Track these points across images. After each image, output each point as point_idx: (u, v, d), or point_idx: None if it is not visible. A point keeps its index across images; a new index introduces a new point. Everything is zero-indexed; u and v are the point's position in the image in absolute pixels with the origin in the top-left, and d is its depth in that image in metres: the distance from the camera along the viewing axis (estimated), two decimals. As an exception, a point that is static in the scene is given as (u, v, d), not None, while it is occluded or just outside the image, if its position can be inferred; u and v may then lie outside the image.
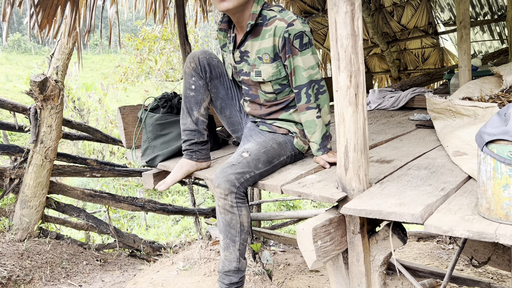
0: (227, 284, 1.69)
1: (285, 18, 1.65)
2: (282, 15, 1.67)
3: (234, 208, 1.60)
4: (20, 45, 27.51)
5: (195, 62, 1.88)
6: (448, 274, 1.94)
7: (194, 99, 1.90)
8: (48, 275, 2.69)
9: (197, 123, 1.91)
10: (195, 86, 1.89)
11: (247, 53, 1.79)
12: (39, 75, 2.85)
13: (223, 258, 1.68)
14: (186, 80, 1.92)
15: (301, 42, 1.64)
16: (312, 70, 1.68)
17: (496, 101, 2.07)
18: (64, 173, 3.32)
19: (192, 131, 1.91)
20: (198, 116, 1.91)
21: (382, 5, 4.71)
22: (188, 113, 1.91)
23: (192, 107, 1.90)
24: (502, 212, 1.06)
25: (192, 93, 1.90)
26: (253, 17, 1.69)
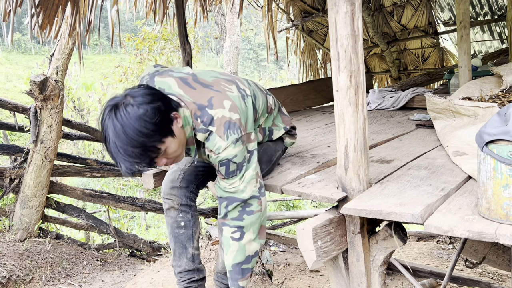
0: (227, 284, 1.69)
1: (213, 149, 1.43)
2: (209, 145, 1.44)
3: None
4: (20, 45, 27.49)
5: (172, 198, 1.68)
6: (448, 274, 1.94)
7: (185, 235, 1.70)
8: (48, 275, 2.69)
9: (193, 259, 1.72)
10: (184, 221, 1.69)
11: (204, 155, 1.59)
12: (39, 75, 2.85)
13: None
14: (171, 219, 1.69)
15: (227, 169, 1.43)
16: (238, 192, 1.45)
17: (496, 101, 2.07)
18: (64, 173, 3.32)
19: (190, 271, 1.71)
20: (194, 251, 1.72)
21: (382, 5, 4.70)
22: (181, 253, 1.70)
23: (185, 245, 1.70)
24: (502, 212, 1.06)
25: (182, 230, 1.69)
26: (191, 141, 1.48)
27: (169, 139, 1.33)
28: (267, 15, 4.61)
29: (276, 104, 1.81)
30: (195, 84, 1.49)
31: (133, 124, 1.24)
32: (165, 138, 1.32)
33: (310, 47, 5.39)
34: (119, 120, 1.24)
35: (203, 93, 1.46)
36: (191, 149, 1.51)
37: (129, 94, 1.30)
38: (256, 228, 1.47)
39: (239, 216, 1.45)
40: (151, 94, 1.31)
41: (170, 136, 1.34)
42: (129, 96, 1.29)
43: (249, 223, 1.45)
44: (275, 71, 22.43)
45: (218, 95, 1.45)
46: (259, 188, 1.48)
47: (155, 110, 1.27)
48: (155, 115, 1.27)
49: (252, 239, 1.47)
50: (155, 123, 1.26)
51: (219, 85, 1.49)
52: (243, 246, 1.46)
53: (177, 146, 1.38)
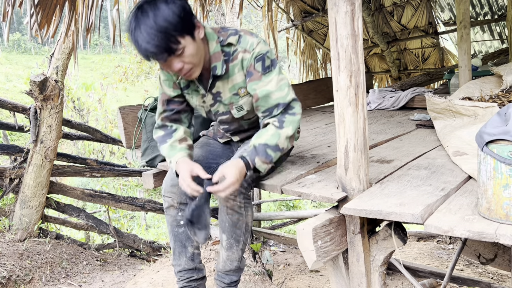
0: (227, 283, 1.69)
1: (247, 47, 1.52)
2: (242, 45, 1.53)
3: (242, 209, 1.59)
4: (20, 45, 27.50)
5: (171, 197, 1.67)
6: (448, 274, 1.94)
7: (185, 234, 1.69)
8: (48, 275, 2.69)
9: (193, 258, 1.71)
10: (183, 220, 1.66)
11: (219, 93, 1.64)
12: (39, 75, 2.85)
13: (225, 258, 1.67)
14: (172, 217, 1.68)
15: (263, 64, 1.51)
16: (279, 92, 1.52)
17: (496, 101, 2.07)
18: (64, 173, 3.32)
19: (189, 270, 1.71)
20: (193, 250, 1.71)
21: (382, 5, 4.70)
22: (181, 252, 1.69)
23: (184, 244, 1.69)
24: (502, 212, 1.06)
25: (182, 229, 1.69)
26: (216, 57, 1.54)
27: (189, 39, 1.41)
28: (267, 15, 4.61)
29: None
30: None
31: (161, 12, 1.34)
32: (186, 35, 1.40)
33: (310, 47, 5.39)
34: (148, 9, 1.35)
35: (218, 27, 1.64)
36: (217, 67, 1.55)
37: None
38: (294, 128, 1.52)
39: (282, 115, 1.52)
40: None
41: (191, 36, 1.42)
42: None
43: (290, 120, 1.52)
44: (275, 71, 22.40)
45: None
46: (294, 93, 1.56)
47: (181, 7, 1.39)
48: (181, 11, 1.38)
49: (288, 135, 1.51)
50: (179, 16, 1.37)
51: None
52: (279, 134, 1.49)
53: (195, 52, 1.44)
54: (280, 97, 1.52)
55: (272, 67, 1.52)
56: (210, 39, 1.53)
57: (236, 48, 1.54)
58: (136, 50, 1.40)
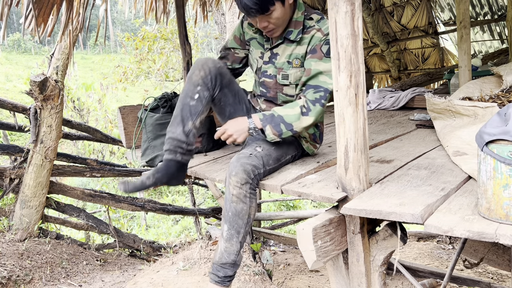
0: (222, 277, 1.65)
1: (322, 28, 1.67)
2: (320, 25, 1.69)
3: (247, 199, 1.59)
4: (20, 45, 27.50)
5: (205, 71, 1.76)
6: (448, 274, 1.94)
7: (194, 108, 1.74)
8: (48, 275, 2.69)
9: (188, 134, 1.73)
10: (198, 95, 1.75)
11: (276, 55, 1.79)
12: (39, 75, 2.85)
13: (223, 250, 1.64)
14: (190, 87, 1.76)
15: (329, 49, 1.63)
16: (327, 77, 1.64)
17: (496, 101, 2.07)
18: (64, 173, 3.32)
19: (179, 141, 1.71)
20: (192, 128, 1.74)
21: (382, 5, 4.71)
22: (181, 121, 1.72)
23: (188, 116, 1.73)
24: (502, 212, 1.06)
25: (193, 102, 1.74)
26: (296, 25, 1.71)
27: (280, 4, 1.61)
28: (267, 15, 4.60)
29: None
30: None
31: None
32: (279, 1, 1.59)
33: (310, 47, 5.38)
34: None
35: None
36: (292, 32, 1.72)
37: None
38: (315, 119, 1.65)
39: (314, 101, 1.64)
40: None
41: (282, 2, 1.61)
42: None
43: (316, 111, 1.64)
44: (275, 71, 22.39)
45: None
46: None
47: None
48: None
49: (306, 124, 1.65)
50: None
51: None
52: (301, 118, 1.64)
53: (281, 15, 1.64)
54: (325, 81, 1.64)
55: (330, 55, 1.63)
56: (298, 9, 1.71)
57: (313, 24, 1.70)
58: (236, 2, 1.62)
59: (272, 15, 1.61)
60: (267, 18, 1.63)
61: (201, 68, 1.76)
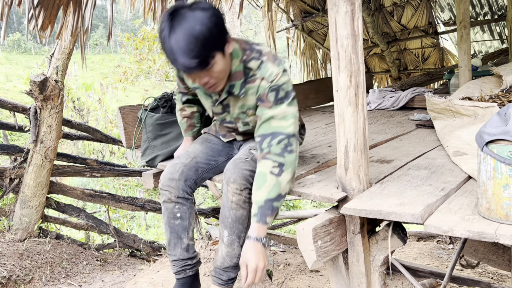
0: (225, 280, 1.67)
1: (265, 76, 1.49)
2: (261, 72, 1.49)
3: (247, 204, 1.59)
4: (20, 45, 27.49)
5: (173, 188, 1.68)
6: (448, 274, 1.94)
7: (181, 226, 1.72)
8: (48, 275, 2.69)
9: (188, 249, 1.73)
10: (180, 213, 1.71)
11: (228, 106, 1.66)
12: (39, 75, 2.85)
13: (224, 255, 1.65)
14: (168, 210, 1.70)
15: (277, 95, 1.47)
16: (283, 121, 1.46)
17: (496, 101, 2.07)
18: (64, 173, 3.32)
19: (183, 260, 1.73)
20: (188, 242, 1.74)
21: (382, 5, 4.70)
22: (176, 243, 1.72)
23: (180, 236, 1.72)
24: (502, 212, 1.06)
25: (178, 221, 1.72)
26: (237, 76, 1.53)
27: (220, 55, 1.37)
28: (267, 15, 4.61)
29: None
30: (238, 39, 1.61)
31: (201, 21, 1.28)
32: (218, 52, 1.36)
33: (310, 47, 5.39)
34: (183, 20, 1.28)
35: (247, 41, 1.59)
36: (235, 85, 1.55)
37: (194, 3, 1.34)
38: (293, 170, 1.47)
39: (281, 152, 1.44)
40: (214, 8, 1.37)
41: (222, 52, 1.38)
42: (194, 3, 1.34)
43: (289, 161, 1.45)
44: (275, 71, 22.40)
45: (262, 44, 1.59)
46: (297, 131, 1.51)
47: (218, 18, 1.34)
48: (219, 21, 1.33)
49: (288, 179, 1.45)
50: (217, 28, 1.32)
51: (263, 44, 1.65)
52: (279, 183, 1.43)
53: (223, 68, 1.42)
54: (280, 126, 1.46)
55: (285, 98, 1.48)
56: (235, 57, 1.49)
57: (255, 73, 1.51)
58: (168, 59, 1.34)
59: (213, 69, 1.38)
60: (207, 73, 1.39)
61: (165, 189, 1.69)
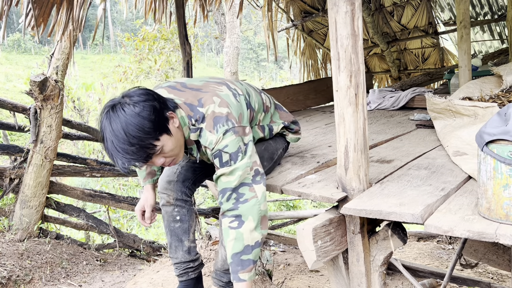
0: (226, 282, 1.69)
1: (206, 145, 1.46)
2: (203, 141, 1.47)
3: None
4: (20, 45, 27.49)
5: (171, 191, 1.69)
6: (448, 274, 1.94)
7: (181, 229, 1.73)
8: (48, 275, 2.69)
9: (189, 252, 1.73)
10: (180, 216, 1.72)
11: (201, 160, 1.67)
12: (39, 75, 2.85)
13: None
14: (168, 213, 1.72)
15: (221, 160, 1.43)
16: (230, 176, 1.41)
17: (496, 101, 2.07)
18: (64, 173, 3.32)
19: (185, 263, 1.74)
20: (189, 244, 1.74)
21: (382, 5, 4.70)
22: (178, 245, 1.72)
23: (181, 238, 1.72)
24: (502, 212, 1.06)
25: (178, 224, 1.72)
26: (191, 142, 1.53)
27: (165, 137, 1.35)
28: (267, 15, 4.61)
29: (271, 102, 1.82)
30: (184, 89, 1.52)
31: (130, 121, 1.27)
32: (161, 136, 1.33)
33: (310, 47, 5.39)
34: (116, 118, 1.28)
35: (193, 95, 1.49)
36: (192, 148, 1.54)
37: (126, 95, 1.35)
38: (256, 216, 1.39)
39: (234, 206, 1.40)
40: (146, 94, 1.35)
41: (166, 134, 1.36)
42: (125, 97, 1.34)
43: (245, 210, 1.38)
44: (275, 71, 22.42)
45: (208, 95, 1.48)
46: (253, 176, 1.43)
47: (150, 108, 1.31)
48: (150, 113, 1.30)
49: (252, 228, 1.38)
50: (150, 120, 1.30)
51: (209, 87, 1.52)
52: (241, 234, 1.38)
53: (174, 145, 1.39)
54: (227, 181, 1.41)
55: (231, 161, 1.42)
56: (183, 125, 1.46)
57: (199, 141, 1.50)
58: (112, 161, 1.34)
59: (164, 150, 1.36)
60: (160, 156, 1.37)
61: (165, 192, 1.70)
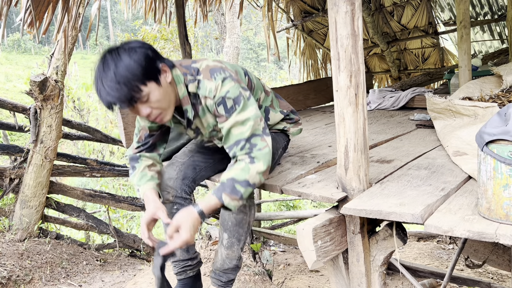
0: (225, 281, 1.69)
1: (206, 95, 1.47)
2: (202, 92, 1.48)
3: (247, 208, 1.60)
4: (20, 45, 27.49)
5: (171, 188, 1.68)
6: (448, 274, 1.94)
7: None
8: (48, 275, 2.69)
9: (188, 250, 1.72)
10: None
11: (198, 129, 1.66)
12: (39, 75, 2.85)
13: (224, 257, 1.67)
14: (167, 210, 1.65)
15: (226, 107, 1.45)
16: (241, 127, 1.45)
17: (496, 101, 2.07)
18: (64, 173, 3.32)
19: (183, 261, 1.73)
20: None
21: (382, 5, 4.70)
22: None
23: None
24: (502, 212, 1.06)
25: None
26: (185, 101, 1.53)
27: (153, 85, 1.38)
28: (267, 15, 4.61)
29: (271, 90, 1.86)
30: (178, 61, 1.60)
31: (121, 63, 1.33)
32: (149, 82, 1.37)
33: (310, 47, 5.39)
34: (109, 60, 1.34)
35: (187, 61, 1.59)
36: (187, 110, 1.53)
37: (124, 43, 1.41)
38: (266, 163, 1.43)
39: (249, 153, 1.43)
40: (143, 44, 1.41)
41: (155, 82, 1.39)
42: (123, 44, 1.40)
43: (259, 154, 1.42)
44: (275, 71, 22.41)
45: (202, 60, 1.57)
46: (263, 128, 1.47)
47: (143, 54, 1.37)
48: (142, 58, 1.36)
49: (260, 170, 1.41)
50: (140, 65, 1.34)
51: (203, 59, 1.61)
52: (249, 169, 1.40)
53: (162, 97, 1.41)
54: (240, 133, 1.44)
55: (236, 105, 1.44)
56: (178, 82, 1.49)
57: (198, 94, 1.51)
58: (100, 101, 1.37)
59: (150, 99, 1.38)
60: (146, 105, 1.39)
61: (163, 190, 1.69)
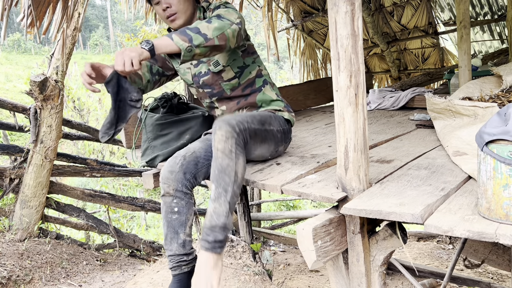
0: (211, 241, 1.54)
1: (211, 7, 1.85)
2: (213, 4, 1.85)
3: (232, 154, 1.56)
4: (20, 45, 27.50)
5: (172, 181, 1.71)
6: (448, 274, 1.94)
7: (178, 221, 1.74)
8: (48, 275, 2.69)
9: (184, 245, 1.74)
10: (178, 207, 1.73)
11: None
12: (39, 75, 2.85)
13: (211, 211, 1.56)
14: (166, 204, 1.74)
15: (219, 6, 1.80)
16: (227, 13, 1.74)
17: (496, 101, 2.07)
18: (64, 173, 3.32)
19: (179, 256, 1.75)
20: (185, 237, 1.75)
21: (382, 5, 4.70)
22: (173, 237, 1.74)
23: (177, 231, 1.74)
24: (502, 212, 1.06)
25: (175, 216, 1.74)
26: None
27: None
28: (267, 15, 4.61)
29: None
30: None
31: None
32: None
33: (310, 47, 5.39)
34: None
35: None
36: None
37: None
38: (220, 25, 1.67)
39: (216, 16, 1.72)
40: None
41: None
42: None
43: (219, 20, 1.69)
44: (275, 71, 22.41)
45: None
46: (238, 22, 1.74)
47: None
48: None
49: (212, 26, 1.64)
50: None
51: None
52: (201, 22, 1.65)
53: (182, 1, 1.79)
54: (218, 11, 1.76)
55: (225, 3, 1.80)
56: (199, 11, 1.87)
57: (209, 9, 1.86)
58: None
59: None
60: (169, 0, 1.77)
61: (164, 183, 1.71)
